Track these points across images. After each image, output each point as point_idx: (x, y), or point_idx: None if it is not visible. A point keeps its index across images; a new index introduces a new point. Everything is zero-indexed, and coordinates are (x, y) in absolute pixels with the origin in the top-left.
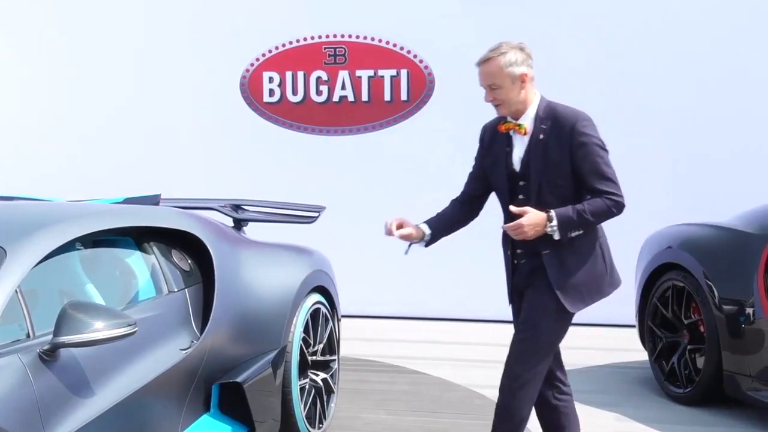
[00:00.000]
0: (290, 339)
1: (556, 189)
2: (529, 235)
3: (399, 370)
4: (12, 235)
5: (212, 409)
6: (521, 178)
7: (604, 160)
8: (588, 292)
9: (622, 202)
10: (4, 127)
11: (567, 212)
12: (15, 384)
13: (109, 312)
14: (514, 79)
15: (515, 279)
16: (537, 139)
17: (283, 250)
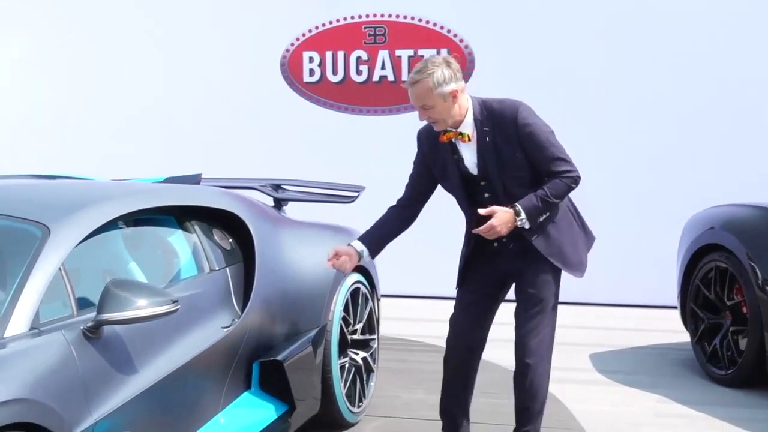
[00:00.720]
0: (330, 318)
1: (517, 180)
2: (503, 233)
3: (438, 350)
4: (56, 214)
5: (253, 386)
6: (481, 179)
7: (552, 141)
8: (574, 253)
9: (578, 176)
10: (50, 108)
11: (531, 202)
12: (59, 361)
13: (152, 290)
14: (446, 97)
15: (499, 263)
16: (484, 142)
17: (323, 229)
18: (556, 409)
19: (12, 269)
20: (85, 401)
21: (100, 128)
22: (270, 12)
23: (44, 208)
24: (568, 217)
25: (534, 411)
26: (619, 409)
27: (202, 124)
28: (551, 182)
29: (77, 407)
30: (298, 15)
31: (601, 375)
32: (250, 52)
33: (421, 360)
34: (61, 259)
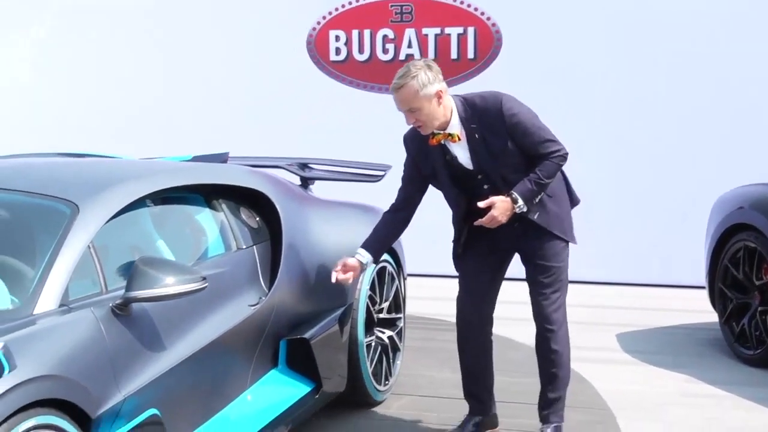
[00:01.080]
0: (356, 296)
1: (512, 167)
2: (503, 221)
3: None
4: (85, 192)
5: (280, 364)
6: (477, 173)
7: (537, 125)
8: (568, 218)
9: (566, 153)
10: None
11: (526, 187)
12: (88, 338)
13: (180, 267)
14: (431, 98)
15: (500, 241)
16: (474, 139)
17: (350, 208)
18: (582, 389)
19: (41, 247)
20: (114, 378)
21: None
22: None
23: (73, 186)
24: (561, 186)
25: (561, 376)
26: (645, 388)
27: (228, 104)
28: (542, 164)
29: (106, 384)
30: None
31: (627, 354)
32: (277, 32)
33: (447, 339)
34: (89, 236)
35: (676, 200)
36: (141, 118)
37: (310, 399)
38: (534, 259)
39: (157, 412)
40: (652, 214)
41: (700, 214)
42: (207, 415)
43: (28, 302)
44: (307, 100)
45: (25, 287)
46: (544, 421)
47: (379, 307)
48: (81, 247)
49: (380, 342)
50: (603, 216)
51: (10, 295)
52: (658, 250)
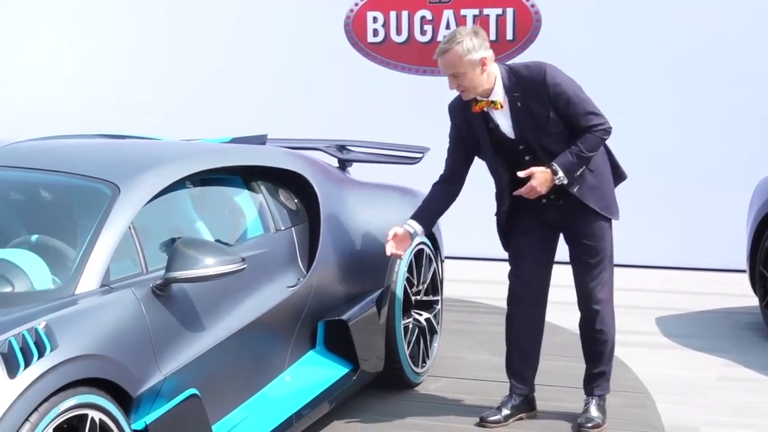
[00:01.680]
0: (394, 279)
1: (554, 137)
2: (543, 192)
3: (503, 312)
4: (125, 173)
5: (318, 345)
6: (519, 143)
7: (581, 97)
8: (612, 196)
9: (609, 127)
10: (123, 71)
11: (567, 159)
12: (129, 317)
13: (219, 249)
14: (475, 65)
15: (547, 217)
16: (517, 108)
17: (387, 190)
18: (622, 372)
19: (83, 228)
20: (154, 357)
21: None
22: None
23: (114, 167)
24: (604, 162)
25: (606, 354)
26: (684, 372)
27: (266, 86)
28: (584, 137)
29: (146, 363)
30: None
31: (667, 338)
32: (314, 13)
33: (484, 321)
34: (130, 217)
35: (719, 184)
36: (182, 102)
37: (348, 380)
38: (578, 239)
39: (197, 391)
40: (694, 198)
41: (742, 198)
42: (245, 395)
43: (70, 282)
44: (344, 82)
45: (67, 268)
46: (589, 393)
47: (417, 290)
48: (122, 228)
49: (417, 324)
50: (645, 199)
51: (52, 276)
52: (699, 233)
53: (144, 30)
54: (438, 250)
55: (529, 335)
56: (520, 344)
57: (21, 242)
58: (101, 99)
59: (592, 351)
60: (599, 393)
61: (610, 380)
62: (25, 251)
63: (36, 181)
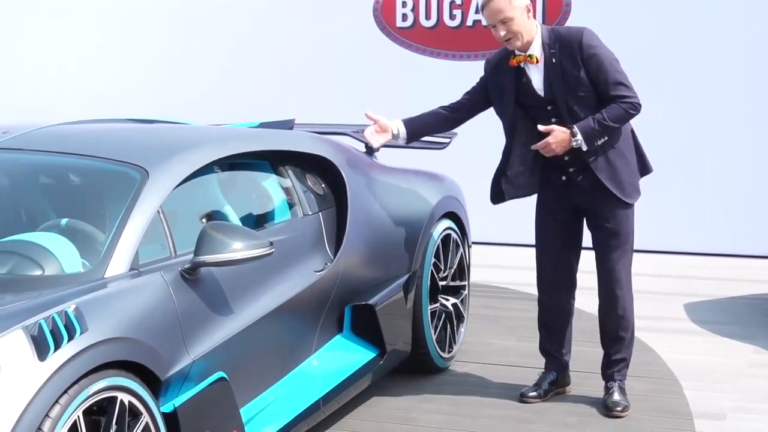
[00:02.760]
0: (421, 264)
1: (582, 101)
2: (557, 151)
3: (530, 298)
4: (154, 157)
5: (345, 330)
6: (548, 102)
7: (614, 66)
8: (631, 179)
9: (637, 103)
10: (151, 58)
11: (588, 124)
12: (158, 300)
13: (247, 233)
14: (522, 10)
15: (569, 195)
16: (551, 64)
17: (415, 175)
18: (649, 358)
19: (112, 211)
20: (183, 341)
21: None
22: None
23: (143, 151)
24: (628, 144)
25: (626, 339)
26: (712, 359)
27: (294, 71)
28: (609, 106)
29: (175, 347)
30: None
31: (696, 324)
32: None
33: (512, 307)
34: (159, 201)
35: (747, 169)
36: (210, 88)
37: (375, 365)
38: (599, 222)
39: (225, 375)
40: (722, 183)
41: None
42: (273, 379)
43: (99, 266)
44: (372, 68)
45: (96, 251)
46: (608, 379)
47: (443, 275)
48: (151, 212)
49: (444, 309)
50: (672, 184)
51: (82, 259)
52: (727, 219)
53: (171, 15)
54: (465, 236)
55: (559, 318)
56: (552, 327)
57: (51, 226)
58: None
59: (611, 336)
60: (619, 378)
61: (631, 366)
62: (55, 235)
63: (65, 165)
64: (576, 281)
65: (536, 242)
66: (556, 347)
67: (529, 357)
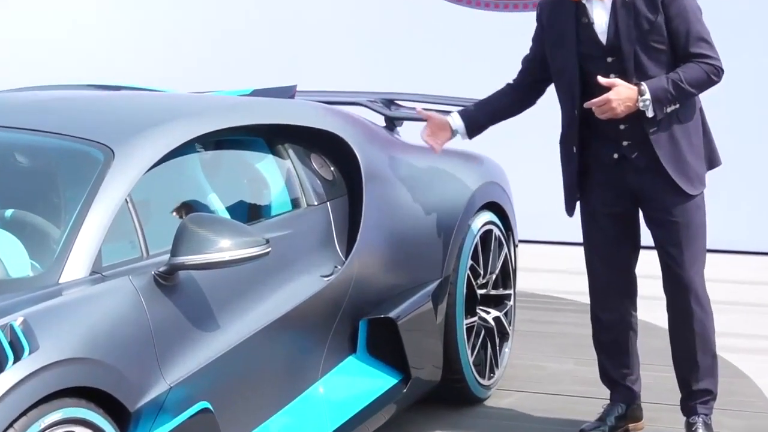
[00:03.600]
0: (455, 268)
1: (654, 54)
2: (617, 112)
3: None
4: (121, 133)
5: (359, 350)
6: (610, 52)
7: (699, 18)
8: (695, 164)
9: (720, 67)
10: (139, 24)
11: (661, 84)
12: (126, 313)
13: (237, 228)
14: None
15: (624, 177)
16: (622, 2)
17: (448, 156)
18: (740, 386)
19: (69, 201)
20: (157, 363)
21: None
22: None
23: (107, 126)
24: (696, 124)
25: (708, 364)
26: None
27: (297, 25)
28: (687, 66)
29: (147, 370)
30: None
31: None
32: None
33: (568, 321)
34: (127, 188)
35: None
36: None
37: (397, 393)
38: (660, 215)
39: (209, 405)
40: None
41: None
42: (269, 410)
43: (53, 269)
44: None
45: (49, 251)
46: (690, 413)
47: (483, 281)
48: (117, 202)
49: (484, 324)
50: (747, 180)
51: (31, 260)
52: None
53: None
54: (510, 232)
55: (619, 336)
56: (611, 347)
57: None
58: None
59: (686, 360)
60: (704, 412)
61: (719, 396)
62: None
63: (11, 143)
64: (636, 287)
65: (584, 240)
66: (621, 372)
67: (590, 385)
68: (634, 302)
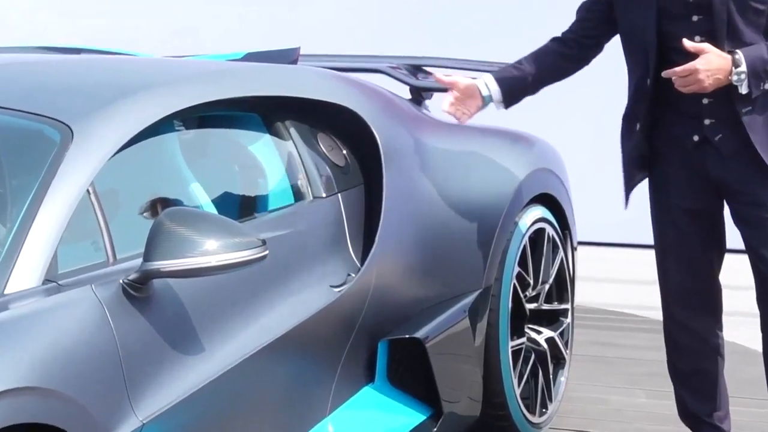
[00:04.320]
0: (498, 276)
1: (753, 18)
2: (705, 85)
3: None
4: (81, 108)
5: (378, 378)
6: (697, 9)
7: None
8: None
9: None
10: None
11: (760, 53)
12: (88, 331)
13: (226, 226)
14: None
15: (708, 164)
16: None
17: (488, 136)
18: None
19: (16, 192)
20: (126, 394)
21: None
22: None
23: (64, 98)
24: None
25: None
26: None
27: None
28: None
29: (114, 403)
30: None
31: None
32: None
33: (637, 344)
34: (89, 176)
35: None
36: None
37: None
38: (754, 212)
39: None
40: None
41: None
42: None
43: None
44: None
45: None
46: None
47: (534, 293)
48: (76, 193)
49: (534, 348)
50: None
51: None
52: None
53: None
54: (568, 231)
55: (701, 362)
56: (691, 377)
57: None
58: None
59: None
60: None
61: None
62: None
63: None
64: (721, 300)
65: (655, 242)
66: (705, 408)
67: (666, 423)
68: (719, 319)
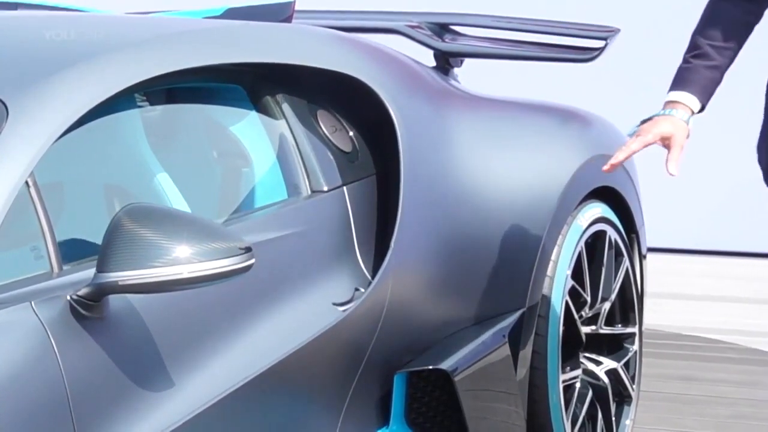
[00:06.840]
0: (545, 290)
1: None
2: None
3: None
4: (18, 80)
5: (393, 419)
6: None
7: None
8: None
9: None
10: None
11: None
12: (27, 360)
13: (202, 228)
14: None
15: None
16: None
17: (534, 115)
18: None
19: None
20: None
21: None
22: None
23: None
24: None
25: None
26: None
27: None
28: None
29: None
30: None
31: None
32: None
33: (722, 378)
34: (28, 165)
35: None
36: None
37: None
38: None
39: None
40: None
41: None
42: None
43: None
44: None
45: None
46: None
47: (591, 314)
48: (11, 186)
49: (592, 382)
50: None
51: None
52: None
53: None
54: (635, 236)
55: None
56: None
57: None
58: None
59: None
60: None
61: None
62: None
63: None
64: None
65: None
66: None
67: None
68: None
